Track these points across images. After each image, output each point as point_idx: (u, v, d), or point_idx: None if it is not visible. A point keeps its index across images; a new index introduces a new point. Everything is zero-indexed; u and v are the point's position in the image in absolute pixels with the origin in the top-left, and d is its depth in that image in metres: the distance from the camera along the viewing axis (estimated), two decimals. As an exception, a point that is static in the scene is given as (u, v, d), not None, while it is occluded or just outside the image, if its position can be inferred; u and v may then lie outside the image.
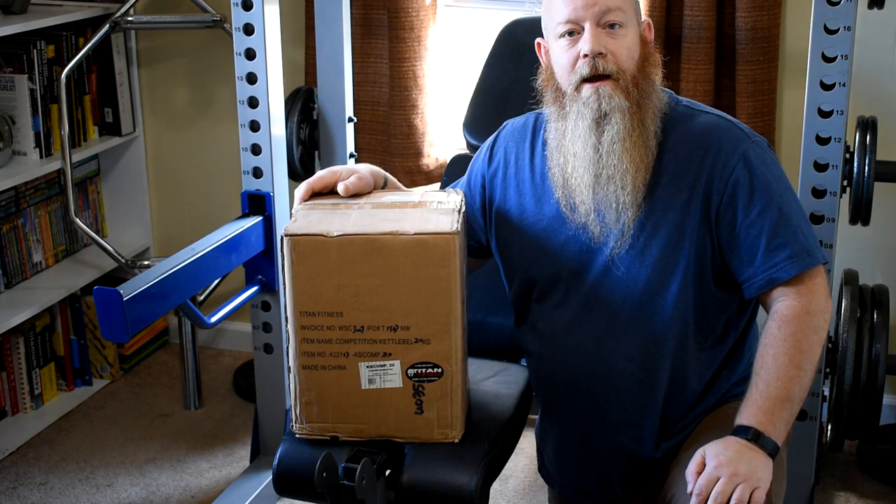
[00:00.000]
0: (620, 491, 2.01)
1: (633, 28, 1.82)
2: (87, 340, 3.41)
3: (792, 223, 1.80)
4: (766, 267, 1.79)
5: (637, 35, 1.83)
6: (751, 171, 1.80)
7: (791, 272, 1.78)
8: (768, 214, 1.79)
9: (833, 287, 2.42)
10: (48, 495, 2.87)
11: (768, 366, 1.76)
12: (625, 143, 1.80)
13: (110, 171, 3.57)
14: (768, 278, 1.79)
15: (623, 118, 1.80)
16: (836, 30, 2.20)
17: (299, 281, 1.85)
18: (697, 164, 1.82)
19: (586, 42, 1.78)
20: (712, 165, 1.81)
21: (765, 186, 1.80)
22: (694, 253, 1.82)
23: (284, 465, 1.97)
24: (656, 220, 1.84)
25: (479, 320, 2.38)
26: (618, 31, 1.79)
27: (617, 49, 1.79)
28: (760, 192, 1.80)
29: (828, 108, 2.26)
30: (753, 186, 1.80)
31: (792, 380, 1.75)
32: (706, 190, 1.81)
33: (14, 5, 3.06)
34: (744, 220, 1.80)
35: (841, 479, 2.91)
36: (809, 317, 1.78)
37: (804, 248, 1.79)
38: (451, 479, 1.89)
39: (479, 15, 3.22)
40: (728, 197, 1.80)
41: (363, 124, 3.20)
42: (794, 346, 1.76)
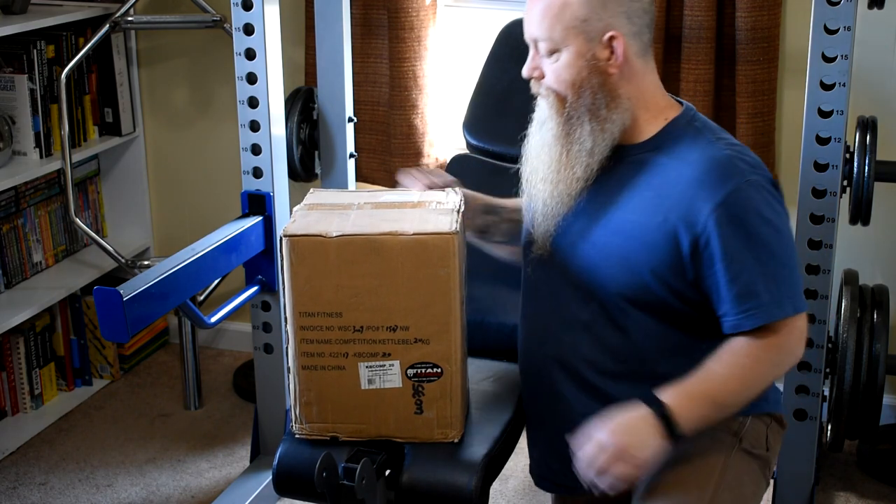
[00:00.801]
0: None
1: (570, 51, 1.83)
2: (87, 340, 3.41)
3: (768, 272, 1.76)
4: (735, 312, 1.78)
5: (578, 56, 1.83)
6: (732, 214, 1.76)
7: (756, 322, 1.76)
8: (743, 262, 1.76)
9: (833, 287, 2.42)
10: (48, 495, 2.87)
11: (718, 367, 1.77)
12: (551, 151, 1.89)
13: (110, 171, 3.57)
14: (735, 324, 1.78)
15: (551, 129, 1.89)
16: (836, 30, 2.20)
17: (298, 281, 1.85)
18: (684, 194, 1.80)
19: (524, 66, 1.91)
20: (696, 201, 1.78)
21: (744, 232, 1.76)
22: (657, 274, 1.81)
23: (284, 465, 1.97)
24: (625, 227, 1.85)
25: (479, 320, 2.37)
26: (549, 56, 1.86)
27: (547, 73, 1.87)
28: (740, 237, 1.76)
29: (828, 108, 2.26)
30: (733, 231, 1.76)
31: (731, 392, 1.78)
32: (684, 223, 1.79)
33: (14, 5, 3.06)
34: (720, 263, 1.77)
35: (841, 479, 2.91)
36: (777, 350, 1.79)
37: (775, 298, 1.76)
38: (451, 479, 1.89)
39: (479, 15, 3.22)
40: (706, 238, 1.77)
41: (363, 124, 3.20)
42: (750, 366, 1.77)
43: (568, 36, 1.82)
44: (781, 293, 1.77)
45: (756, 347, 1.78)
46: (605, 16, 1.81)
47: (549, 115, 1.89)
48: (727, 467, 1.84)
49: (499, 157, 2.63)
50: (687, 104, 1.93)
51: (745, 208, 1.77)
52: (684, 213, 1.78)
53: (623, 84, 1.85)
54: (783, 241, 1.80)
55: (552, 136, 1.89)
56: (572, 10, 1.81)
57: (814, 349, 2.40)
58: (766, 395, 1.95)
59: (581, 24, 1.81)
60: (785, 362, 1.82)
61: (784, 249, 1.80)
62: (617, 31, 1.81)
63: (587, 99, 1.84)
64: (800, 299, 1.81)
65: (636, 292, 1.84)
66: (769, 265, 1.77)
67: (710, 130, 1.88)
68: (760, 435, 1.93)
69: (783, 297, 1.77)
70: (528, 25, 1.88)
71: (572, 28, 1.81)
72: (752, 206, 1.78)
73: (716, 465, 1.84)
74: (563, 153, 1.87)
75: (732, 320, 1.79)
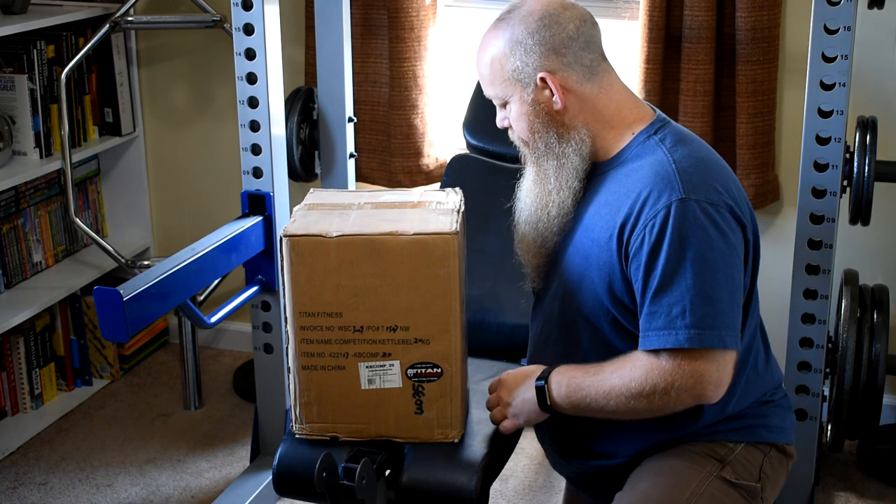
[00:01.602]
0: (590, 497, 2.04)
1: (515, 100, 1.89)
2: (87, 340, 3.41)
3: (678, 296, 1.70)
4: (643, 328, 1.75)
5: (523, 103, 1.87)
6: (661, 228, 1.72)
7: (652, 345, 1.73)
8: (657, 279, 1.72)
9: (833, 287, 2.42)
10: (48, 495, 2.87)
11: (606, 370, 1.78)
12: (531, 193, 1.93)
13: (110, 171, 3.57)
14: (640, 342, 1.76)
15: (530, 174, 1.95)
16: (836, 30, 2.20)
17: (299, 281, 1.85)
18: (626, 204, 1.79)
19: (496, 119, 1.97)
20: (634, 211, 1.77)
21: (666, 249, 1.71)
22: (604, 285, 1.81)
23: (284, 465, 1.97)
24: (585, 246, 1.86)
25: (479, 320, 2.38)
26: (503, 109, 1.93)
27: (511, 121, 1.93)
28: (659, 254, 1.72)
29: (828, 108, 2.26)
30: (656, 245, 1.72)
31: (600, 395, 1.77)
32: (622, 233, 1.78)
33: (14, 5, 3.06)
34: (640, 278, 1.75)
35: (841, 479, 2.91)
36: (661, 378, 1.72)
37: (674, 325, 1.70)
38: (451, 479, 1.89)
39: (479, 15, 3.21)
40: (635, 248, 1.75)
41: (363, 124, 3.20)
42: (627, 382, 1.74)
43: (507, 88, 1.89)
44: (686, 322, 1.70)
45: (641, 366, 1.74)
46: (530, 60, 1.84)
47: (527, 162, 1.96)
48: (696, 494, 1.79)
49: (499, 157, 2.63)
50: (659, 114, 1.90)
51: (674, 226, 1.72)
52: (623, 224, 1.78)
53: (576, 114, 1.86)
54: (706, 270, 1.71)
55: (531, 181, 1.95)
56: (501, 64, 1.87)
57: (814, 349, 2.40)
58: (766, 423, 1.90)
59: (513, 75, 1.87)
60: (669, 396, 1.72)
61: (705, 278, 1.71)
62: (545, 71, 1.84)
63: (542, 140, 1.88)
64: (710, 335, 1.70)
65: (594, 311, 1.84)
66: (681, 290, 1.71)
67: (671, 142, 1.83)
68: (752, 464, 1.87)
69: (682, 327, 1.70)
70: (482, 84, 1.95)
71: (507, 80, 1.88)
72: (684, 224, 1.71)
73: (685, 489, 1.79)
74: (542, 193, 1.92)
75: (640, 336, 1.77)
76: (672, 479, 1.81)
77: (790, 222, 2.55)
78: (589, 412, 1.81)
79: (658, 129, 1.86)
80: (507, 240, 2.17)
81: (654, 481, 1.82)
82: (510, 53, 1.85)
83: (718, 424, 1.86)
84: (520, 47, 1.84)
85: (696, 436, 1.86)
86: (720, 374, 1.72)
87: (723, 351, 1.72)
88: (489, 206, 2.56)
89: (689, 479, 1.81)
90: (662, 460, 1.85)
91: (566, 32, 1.84)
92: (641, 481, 1.83)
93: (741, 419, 1.87)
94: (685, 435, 1.86)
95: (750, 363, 1.88)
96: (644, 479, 1.83)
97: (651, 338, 1.74)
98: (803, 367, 2.42)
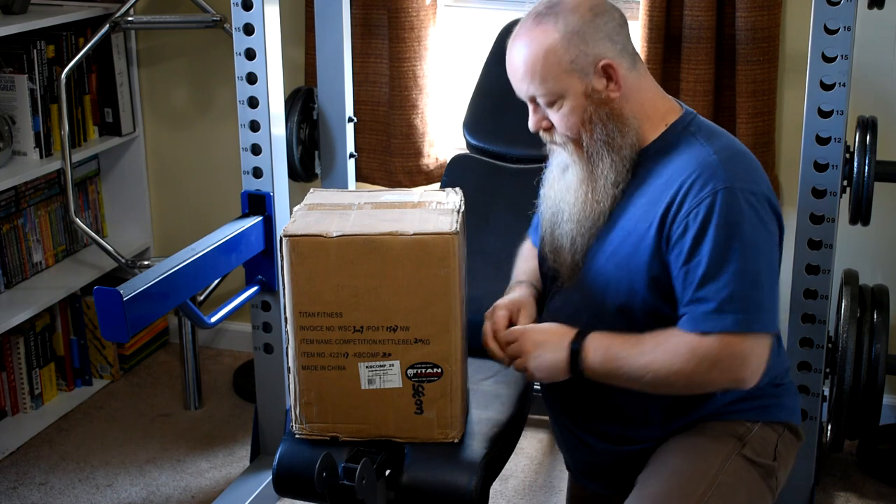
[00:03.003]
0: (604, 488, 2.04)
1: (571, 94, 1.83)
2: (87, 340, 3.41)
3: (726, 281, 1.74)
4: (684, 312, 1.78)
5: (579, 97, 1.83)
6: (707, 215, 1.75)
7: (699, 328, 1.75)
8: (704, 265, 1.75)
9: (833, 287, 2.42)
10: (48, 495, 2.87)
11: (648, 344, 1.79)
12: (577, 192, 1.90)
13: (110, 171, 3.57)
14: (683, 324, 1.78)
15: (576, 173, 1.90)
16: (836, 30, 2.20)
17: (299, 281, 1.85)
18: (668, 194, 1.81)
19: (529, 122, 1.92)
20: (677, 200, 1.79)
21: (712, 235, 1.75)
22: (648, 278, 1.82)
23: (284, 465, 1.97)
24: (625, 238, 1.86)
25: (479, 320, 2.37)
26: (552, 107, 1.86)
27: (555, 122, 1.88)
28: (704, 240, 1.75)
29: (828, 108, 2.26)
30: (702, 231, 1.75)
31: (636, 369, 1.79)
32: (663, 222, 1.80)
33: (14, 5, 3.06)
34: (683, 264, 1.77)
35: (841, 479, 2.91)
36: (703, 361, 1.75)
37: (723, 308, 1.73)
38: (451, 479, 1.90)
39: (479, 15, 3.22)
40: (678, 235, 1.78)
41: (363, 124, 3.20)
42: (668, 361, 1.77)
43: (563, 82, 1.83)
44: (734, 306, 1.74)
45: (684, 346, 1.76)
46: (588, 49, 1.82)
47: (570, 161, 1.91)
48: (721, 471, 1.83)
49: (499, 157, 2.63)
50: (687, 108, 1.93)
51: (720, 213, 1.75)
52: (665, 213, 1.79)
53: (626, 104, 1.86)
54: (751, 256, 1.76)
55: (577, 179, 1.90)
56: (558, 57, 1.81)
57: (814, 349, 2.40)
58: (780, 403, 1.94)
59: (572, 66, 1.82)
60: (710, 377, 1.77)
61: (751, 264, 1.75)
62: (606, 57, 1.82)
63: (600, 134, 1.85)
64: (755, 319, 1.75)
65: (631, 301, 1.84)
66: (729, 274, 1.74)
67: (705, 134, 1.87)
68: (768, 443, 1.91)
69: (732, 311, 1.74)
70: (517, 84, 1.88)
71: (565, 72, 1.82)
72: (729, 211, 1.75)
73: (710, 467, 1.83)
74: (589, 191, 1.89)
75: (681, 321, 1.78)
76: (698, 456, 1.85)
77: (790, 222, 2.53)
78: (619, 382, 1.83)
79: (690, 121, 1.89)
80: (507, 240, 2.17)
81: (681, 458, 1.85)
82: (567, 44, 1.81)
83: (737, 403, 1.90)
84: (577, 37, 1.81)
85: (716, 414, 1.90)
86: (760, 358, 1.77)
87: (765, 335, 1.77)
88: (489, 206, 2.57)
89: (714, 456, 1.85)
90: (686, 439, 1.88)
91: (615, 20, 1.85)
92: (668, 459, 1.86)
93: (757, 399, 1.91)
94: (710, 412, 1.90)
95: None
96: (670, 457, 1.86)
97: (699, 321, 1.75)
98: (803, 367, 2.42)
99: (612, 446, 1.95)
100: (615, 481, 1.98)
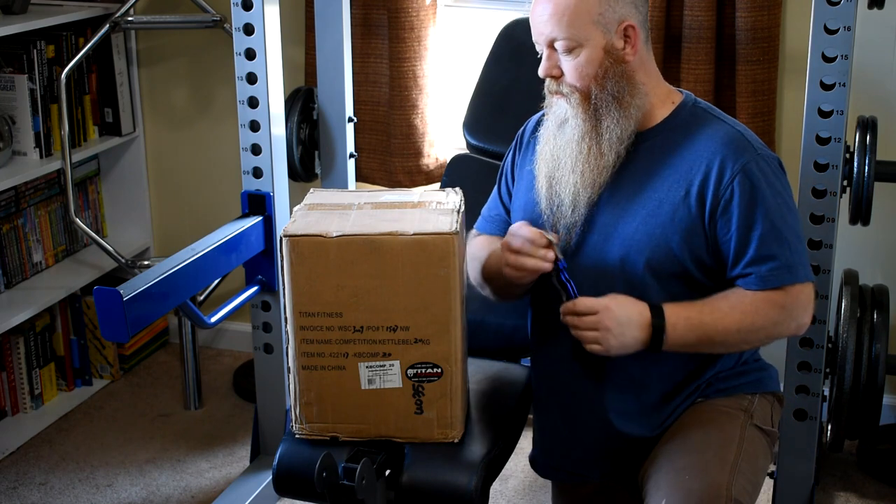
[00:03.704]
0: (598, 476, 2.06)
1: (591, 45, 1.88)
2: (87, 340, 3.41)
3: (782, 238, 1.87)
4: (749, 274, 1.88)
5: (598, 49, 1.88)
6: (750, 182, 1.87)
7: (770, 284, 1.87)
8: (760, 227, 1.86)
9: (833, 287, 2.42)
10: (48, 495, 2.87)
11: (722, 305, 1.88)
12: (579, 146, 1.93)
13: (110, 171, 3.57)
14: (748, 283, 1.88)
15: (577, 126, 1.93)
16: (836, 30, 2.20)
17: (298, 281, 1.85)
18: (702, 166, 1.89)
19: (540, 67, 1.94)
20: (714, 171, 1.88)
21: (761, 199, 1.87)
22: (682, 242, 1.89)
23: (284, 465, 1.97)
24: (652, 206, 1.91)
25: (479, 320, 2.38)
26: (569, 53, 1.89)
27: (567, 70, 1.91)
28: (755, 205, 1.86)
29: (828, 108, 2.26)
30: (750, 197, 1.86)
31: (724, 332, 1.88)
32: (703, 191, 1.88)
33: (14, 5, 3.06)
34: (737, 229, 1.87)
35: (841, 479, 2.91)
36: (781, 310, 1.88)
37: (789, 263, 1.87)
38: (451, 479, 1.90)
39: (479, 15, 3.22)
40: (725, 203, 1.87)
41: (363, 124, 3.20)
42: (752, 316, 1.87)
43: (587, 31, 1.87)
44: (794, 260, 1.87)
45: (762, 301, 1.87)
46: (617, 7, 1.88)
47: (571, 114, 1.93)
48: (744, 440, 1.92)
49: (499, 157, 2.63)
50: (686, 91, 2.01)
51: (760, 179, 1.87)
52: (704, 183, 1.88)
53: (638, 70, 1.92)
54: (793, 214, 1.91)
55: (578, 133, 1.93)
56: (588, 6, 1.87)
57: (814, 349, 2.40)
58: (768, 375, 2.07)
59: (598, 18, 1.87)
60: (785, 325, 1.90)
61: (795, 221, 1.91)
62: (629, 20, 1.89)
63: (611, 89, 1.90)
64: (809, 269, 1.90)
65: (662, 263, 1.89)
66: (784, 232, 1.87)
67: (715, 112, 1.98)
68: (767, 412, 2.02)
69: (796, 264, 1.88)
70: (541, 26, 1.90)
71: (591, 23, 1.87)
72: (766, 177, 1.88)
73: (734, 436, 1.92)
74: (594, 144, 1.92)
75: (745, 281, 1.88)
76: (717, 429, 1.93)
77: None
78: (701, 349, 1.92)
79: (696, 100, 1.99)
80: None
81: (701, 432, 1.93)
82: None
83: (734, 378, 2.01)
84: None
85: (719, 391, 2.00)
86: (813, 304, 1.93)
87: (813, 284, 1.93)
88: (489, 206, 2.56)
89: (731, 427, 1.94)
90: (702, 415, 1.96)
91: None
92: (689, 435, 1.93)
93: (750, 374, 2.03)
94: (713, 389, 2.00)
95: None
96: (690, 433, 1.93)
97: (771, 278, 1.86)
98: (803, 367, 2.42)
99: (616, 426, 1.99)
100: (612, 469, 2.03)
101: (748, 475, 1.87)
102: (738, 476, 1.84)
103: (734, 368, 2.02)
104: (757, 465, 1.93)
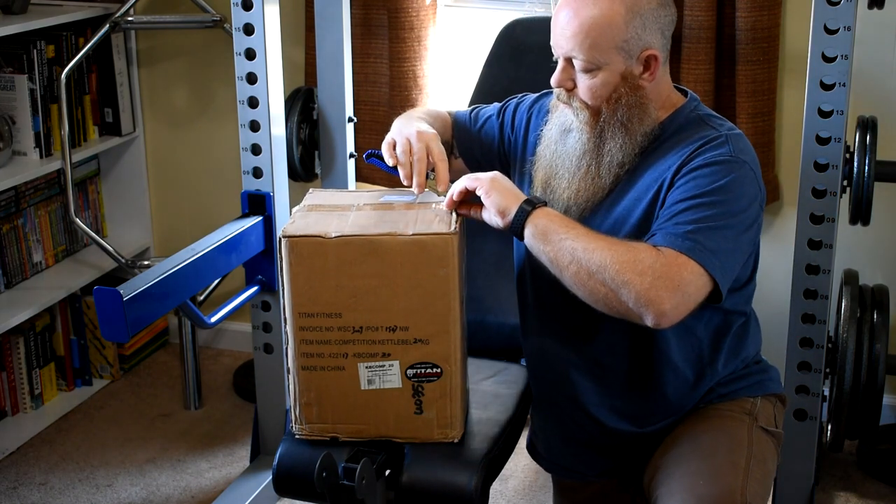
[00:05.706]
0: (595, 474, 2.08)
1: (609, 69, 1.85)
2: (87, 340, 3.41)
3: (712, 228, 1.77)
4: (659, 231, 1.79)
5: (616, 74, 1.86)
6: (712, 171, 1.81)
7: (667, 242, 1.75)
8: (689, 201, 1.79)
9: (833, 287, 2.42)
10: (48, 495, 2.87)
11: (599, 241, 1.76)
12: (579, 162, 1.92)
13: (110, 171, 3.57)
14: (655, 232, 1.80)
15: (580, 141, 1.92)
16: (836, 30, 2.20)
17: (298, 282, 1.85)
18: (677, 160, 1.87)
19: (553, 76, 1.91)
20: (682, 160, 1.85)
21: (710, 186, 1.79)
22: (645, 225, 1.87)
23: (284, 466, 1.97)
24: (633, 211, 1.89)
25: (479, 320, 2.38)
26: (586, 73, 1.87)
27: (581, 87, 1.89)
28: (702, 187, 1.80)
29: (828, 108, 2.26)
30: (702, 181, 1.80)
31: (583, 248, 1.75)
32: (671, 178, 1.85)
33: (14, 5, 3.07)
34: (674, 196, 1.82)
35: (841, 479, 2.91)
36: (650, 269, 1.71)
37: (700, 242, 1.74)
38: (451, 478, 1.90)
39: (479, 15, 3.21)
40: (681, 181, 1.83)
41: (363, 124, 3.20)
42: (618, 253, 1.73)
43: (609, 56, 1.85)
44: (708, 245, 1.75)
45: (642, 247, 1.75)
46: (644, 35, 1.85)
47: (577, 127, 1.92)
48: (752, 443, 1.92)
49: (499, 157, 2.63)
50: (691, 93, 1.99)
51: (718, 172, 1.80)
52: (673, 175, 1.85)
53: (650, 95, 1.90)
54: (729, 214, 1.79)
55: (580, 149, 1.92)
56: (615, 31, 1.83)
57: (814, 349, 2.40)
58: (769, 377, 2.06)
59: (623, 45, 1.84)
60: (642, 287, 1.70)
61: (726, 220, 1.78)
62: (653, 49, 1.86)
63: (621, 114, 1.88)
64: (718, 267, 1.75)
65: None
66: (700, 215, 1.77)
67: (712, 117, 1.95)
68: (770, 414, 2.02)
69: (707, 249, 1.74)
70: (562, 40, 1.87)
71: (614, 48, 1.84)
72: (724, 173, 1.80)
73: (742, 440, 1.92)
74: (593, 164, 1.91)
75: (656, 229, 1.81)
76: (725, 433, 1.94)
77: (790, 222, 2.55)
78: (549, 257, 1.79)
79: (696, 105, 1.96)
80: (507, 240, 2.17)
81: (710, 436, 1.93)
82: (629, 22, 1.83)
83: (737, 381, 2.01)
84: (639, 20, 1.83)
85: (721, 396, 2.00)
86: (690, 297, 1.74)
87: (707, 277, 1.75)
88: (489, 206, 2.56)
89: (739, 431, 1.94)
90: (708, 419, 1.97)
91: (670, 16, 1.89)
92: (698, 438, 1.93)
93: (751, 377, 2.03)
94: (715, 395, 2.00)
95: (753, 319, 2.06)
96: (699, 436, 1.93)
97: (658, 237, 1.77)
98: (803, 367, 2.42)
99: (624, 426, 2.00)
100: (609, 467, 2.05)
101: (759, 479, 1.87)
102: (751, 480, 1.83)
103: (735, 372, 2.01)
104: (766, 468, 1.92)
